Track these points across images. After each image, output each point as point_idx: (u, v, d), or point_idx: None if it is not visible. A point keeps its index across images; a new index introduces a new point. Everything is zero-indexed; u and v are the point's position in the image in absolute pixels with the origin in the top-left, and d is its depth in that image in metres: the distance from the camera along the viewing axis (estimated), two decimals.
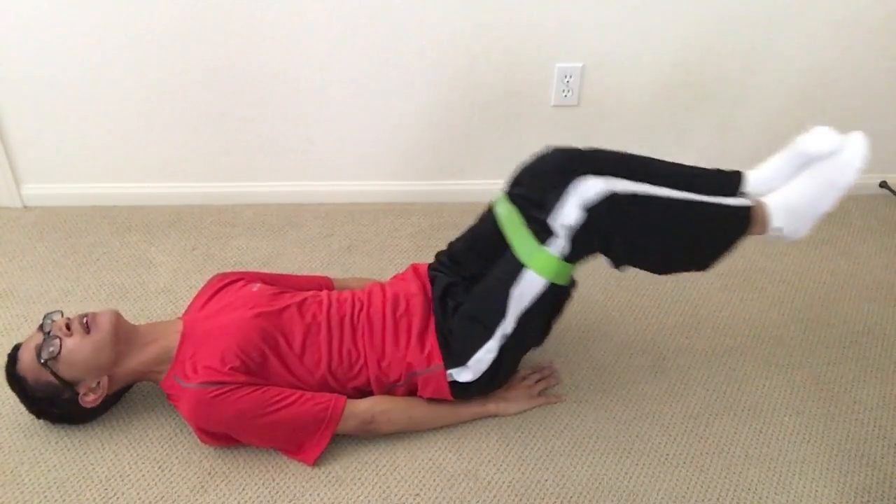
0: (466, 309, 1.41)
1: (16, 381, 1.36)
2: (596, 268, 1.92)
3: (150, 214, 2.14)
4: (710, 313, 1.78)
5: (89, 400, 1.37)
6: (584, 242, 1.27)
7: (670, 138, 2.17)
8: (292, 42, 1.94)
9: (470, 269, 1.49)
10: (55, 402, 1.37)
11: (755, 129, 2.18)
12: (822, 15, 1.97)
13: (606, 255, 1.33)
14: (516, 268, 1.32)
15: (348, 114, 2.07)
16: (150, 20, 1.88)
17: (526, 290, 1.32)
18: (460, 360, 1.38)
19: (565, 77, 2.03)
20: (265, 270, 1.91)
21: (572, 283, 1.37)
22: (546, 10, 1.92)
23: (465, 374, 1.38)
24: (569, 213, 1.24)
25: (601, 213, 1.24)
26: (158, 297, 1.82)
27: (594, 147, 1.38)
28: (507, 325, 1.35)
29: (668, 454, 1.42)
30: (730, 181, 1.42)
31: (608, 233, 1.27)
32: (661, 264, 1.39)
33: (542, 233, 1.29)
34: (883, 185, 2.29)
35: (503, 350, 1.37)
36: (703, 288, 1.86)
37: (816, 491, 1.35)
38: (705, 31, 1.98)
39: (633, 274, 1.90)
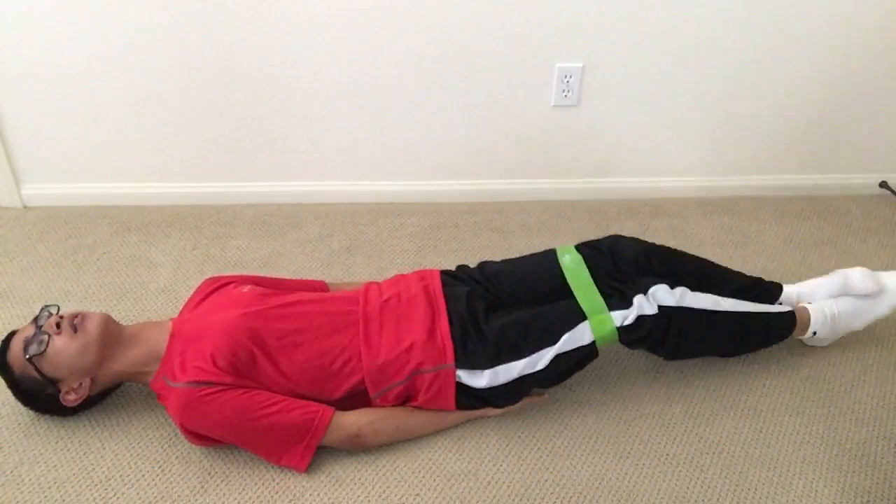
0: (512, 325, 1.42)
1: (4, 369, 1.37)
2: None
3: (150, 214, 2.14)
4: None
5: (70, 399, 1.38)
6: (642, 332, 1.41)
7: (670, 139, 2.17)
8: (292, 42, 1.94)
9: (504, 291, 1.53)
10: (38, 396, 1.38)
11: (754, 130, 2.18)
12: (822, 15, 1.97)
13: (653, 351, 1.50)
14: (576, 317, 1.42)
15: (348, 114, 2.07)
16: (150, 20, 1.88)
17: (574, 337, 1.40)
18: (477, 364, 1.38)
19: (565, 77, 2.03)
20: (265, 270, 1.92)
21: (598, 353, 1.45)
22: (546, 10, 1.92)
23: (476, 380, 1.39)
24: (650, 303, 1.41)
25: (667, 320, 1.41)
26: (158, 297, 1.82)
27: (665, 247, 1.59)
28: (543, 359, 1.39)
29: (668, 454, 1.42)
30: (769, 292, 1.61)
31: (665, 335, 1.42)
32: (706, 355, 1.61)
33: (614, 299, 1.44)
34: (883, 185, 2.29)
35: (525, 378, 1.40)
36: None
37: (816, 491, 1.35)
38: (705, 31, 1.98)
39: None
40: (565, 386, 1.55)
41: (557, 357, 1.39)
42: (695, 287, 1.47)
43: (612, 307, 1.42)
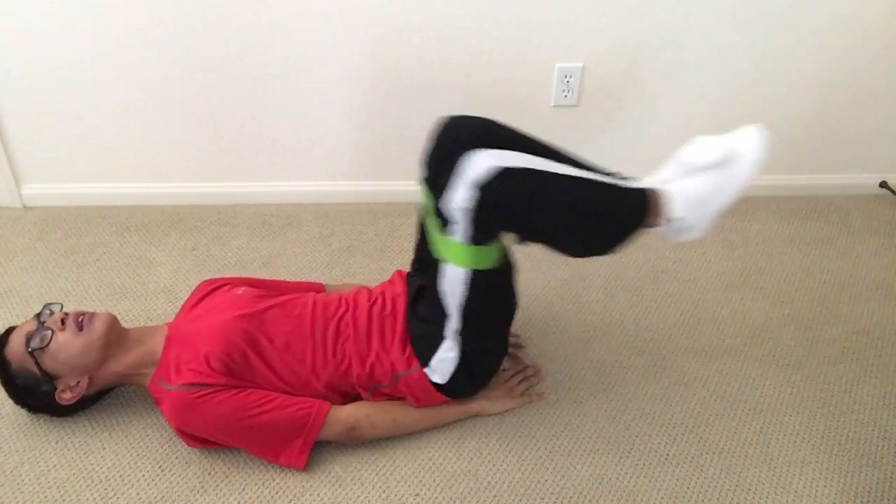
0: (421, 312, 1.40)
1: (1, 363, 1.36)
2: (595, 267, 1.92)
3: (150, 214, 2.14)
4: (710, 313, 1.78)
5: (66, 397, 1.38)
6: (484, 222, 1.19)
7: (670, 139, 2.17)
8: (292, 42, 1.94)
9: (429, 266, 1.37)
10: (32, 393, 1.38)
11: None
12: (822, 15, 1.97)
13: (510, 232, 1.26)
14: (435, 263, 1.28)
15: (348, 114, 2.07)
16: (150, 20, 1.88)
17: (452, 283, 1.27)
18: (426, 362, 1.38)
19: (565, 77, 2.03)
20: (265, 270, 1.92)
21: (506, 263, 1.31)
22: (546, 10, 1.92)
23: (434, 376, 1.38)
24: (461, 194, 1.16)
25: (495, 189, 1.15)
26: (158, 297, 1.82)
27: (491, 119, 1.29)
28: (453, 323, 1.32)
29: (668, 454, 1.42)
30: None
31: (504, 210, 1.18)
32: (563, 244, 1.29)
33: (444, 220, 1.22)
34: (883, 185, 2.29)
35: (465, 347, 1.34)
36: (704, 288, 1.86)
37: (816, 491, 1.35)
38: (705, 31, 1.98)
39: (634, 273, 1.91)
40: (565, 386, 1.56)
41: (463, 310, 1.29)
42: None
43: (445, 228, 1.22)
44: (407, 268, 1.58)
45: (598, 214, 1.25)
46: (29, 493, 1.33)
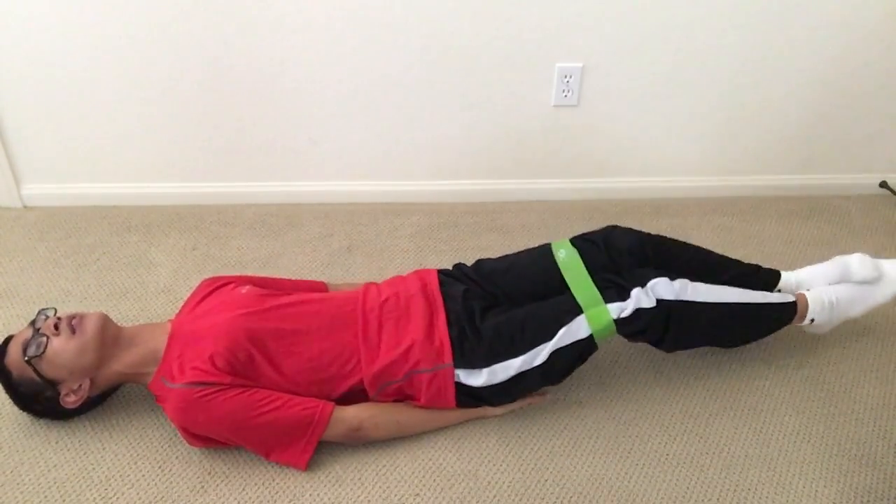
0: (506, 323, 1.42)
1: (2, 373, 1.36)
2: None
3: (150, 214, 2.14)
4: None
5: (70, 401, 1.37)
6: (640, 324, 1.40)
7: (670, 139, 2.17)
8: (292, 42, 1.94)
9: (500, 289, 1.52)
10: (37, 399, 1.38)
11: (754, 129, 2.18)
12: (822, 15, 1.97)
13: (654, 345, 1.48)
14: (572, 311, 1.40)
15: (348, 114, 2.07)
16: (150, 20, 1.88)
17: (571, 332, 1.39)
18: (475, 363, 1.38)
19: (565, 77, 2.03)
20: (265, 270, 1.92)
21: (597, 346, 1.44)
22: (546, 10, 1.92)
23: (475, 378, 1.38)
24: (648, 296, 1.39)
25: (666, 313, 1.39)
26: (158, 297, 1.82)
27: (660, 236, 1.58)
28: (540, 355, 1.38)
29: (668, 454, 1.42)
30: (767, 281, 1.59)
31: (664, 328, 1.41)
32: (706, 345, 1.60)
33: (611, 291, 1.41)
34: (883, 185, 2.29)
35: (524, 375, 1.39)
36: None
37: (816, 491, 1.35)
38: (704, 31, 1.98)
39: None
40: (565, 386, 1.55)
41: (554, 352, 1.38)
42: (693, 276, 1.46)
43: (608, 300, 1.40)
44: (408, 268, 1.58)
45: (750, 332, 1.55)
46: (29, 493, 1.33)
